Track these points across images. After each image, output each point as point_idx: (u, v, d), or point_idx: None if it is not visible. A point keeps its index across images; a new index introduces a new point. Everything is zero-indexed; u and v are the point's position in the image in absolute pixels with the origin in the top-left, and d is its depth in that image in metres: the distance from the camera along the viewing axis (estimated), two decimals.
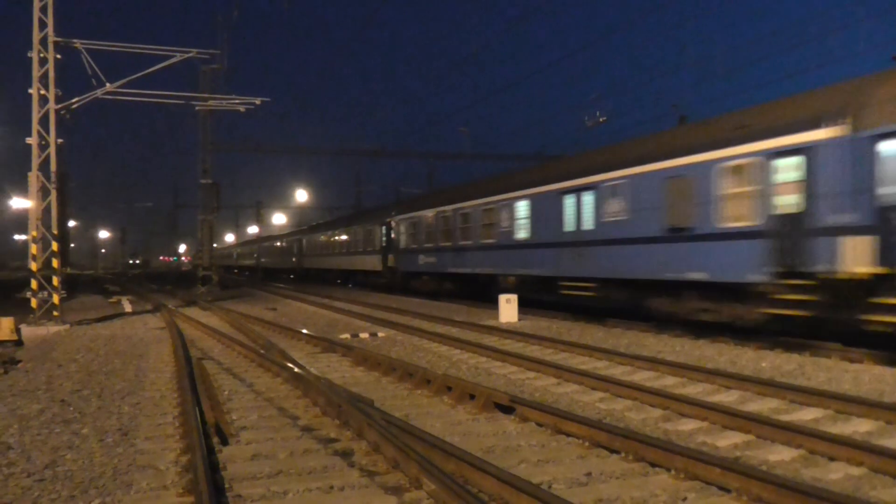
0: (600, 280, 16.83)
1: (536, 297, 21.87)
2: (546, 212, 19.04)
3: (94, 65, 20.14)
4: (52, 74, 19.29)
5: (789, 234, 11.78)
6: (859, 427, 7.28)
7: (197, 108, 26.72)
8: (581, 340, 14.17)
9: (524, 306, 20.67)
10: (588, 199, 17.11)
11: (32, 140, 19.11)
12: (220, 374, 11.03)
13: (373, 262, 35.11)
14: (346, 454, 6.46)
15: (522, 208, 20.35)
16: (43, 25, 19.19)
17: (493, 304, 20.04)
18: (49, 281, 19.09)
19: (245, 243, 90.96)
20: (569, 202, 17.87)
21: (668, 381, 9.96)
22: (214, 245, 41.61)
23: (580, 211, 17.43)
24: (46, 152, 19.22)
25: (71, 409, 8.80)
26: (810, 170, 11.45)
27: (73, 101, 20.05)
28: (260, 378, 10.68)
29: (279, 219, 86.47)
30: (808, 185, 11.47)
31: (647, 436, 6.54)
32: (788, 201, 11.91)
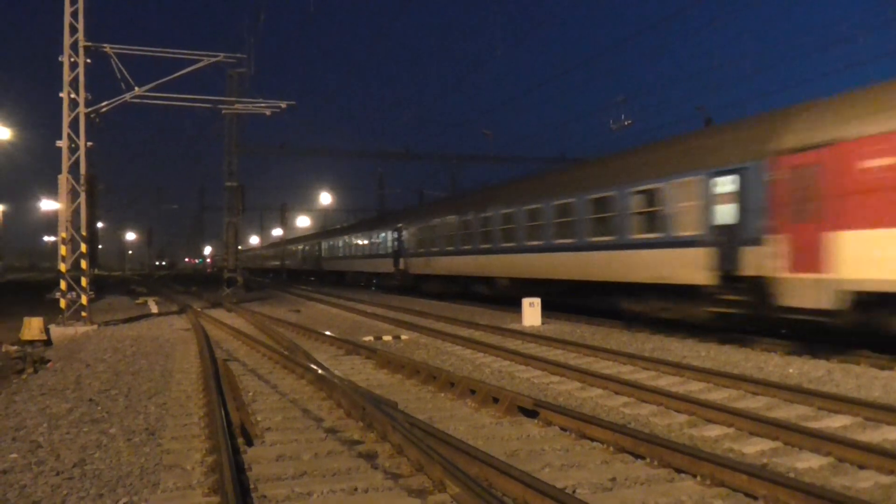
0: None
1: None
2: None
3: (123, 69, 20.41)
4: (82, 78, 19.57)
5: None
6: (889, 435, 7.16)
7: (223, 111, 26.99)
8: (605, 345, 14.09)
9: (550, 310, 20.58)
10: None
11: (63, 143, 19.39)
12: (245, 376, 11.11)
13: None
14: (370, 456, 6.48)
15: None
16: (73, 30, 19.48)
17: (517, 307, 19.97)
18: (78, 282, 19.35)
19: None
20: None
21: (694, 387, 9.87)
22: (240, 247, 41.87)
23: None
24: (76, 155, 19.50)
25: (99, 408, 8.91)
26: None
27: (103, 104, 20.32)
28: (284, 380, 10.74)
29: (303, 221, 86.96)
30: None
31: (672, 441, 6.49)
32: None
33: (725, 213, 13.90)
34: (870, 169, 10.89)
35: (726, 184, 13.87)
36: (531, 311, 18.94)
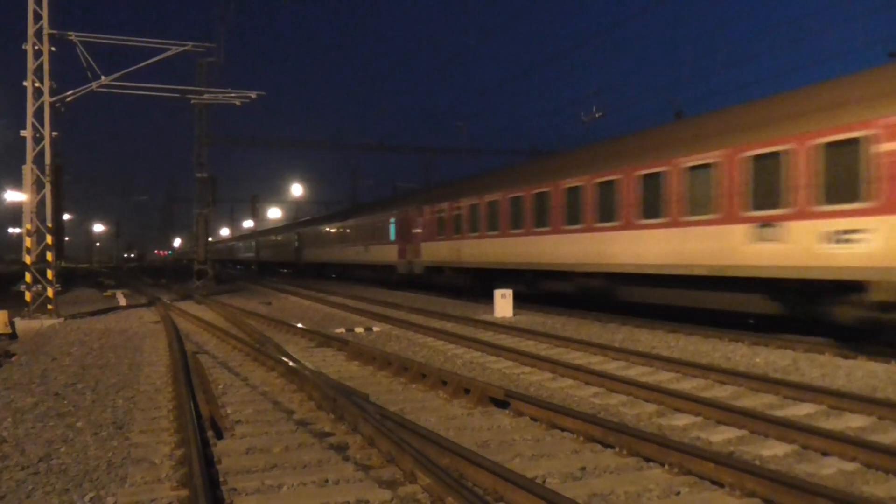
0: None
1: None
2: None
3: (89, 57, 20.08)
4: (46, 67, 19.21)
5: None
6: (852, 422, 7.31)
7: (192, 101, 26.66)
8: (576, 335, 14.18)
9: (521, 301, 20.65)
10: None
11: (27, 133, 19.04)
12: (215, 368, 11.01)
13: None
14: (340, 448, 6.46)
15: None
16: (38, 17, 19.10)
17: (489, 299, 20.03)
18: (43, 274, 19.04)
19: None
20: None
21: (663, 377, 9.98)
22: (208, 239, 41.42)
23: None
24: (41, 145, 19.15)
25: (65, 402, 8.78)
26: None
27: (68, 93, 19.99)
28: (255, 372, 10.67)
29: (274, 213, 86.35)
30: None
31: (641, 431, 6.56)
32: None
33: (394, 232, 31.43)
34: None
35: (394, 223, 31.52)
36: (503, 303, 19.00)
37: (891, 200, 10.14)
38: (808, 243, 11.36)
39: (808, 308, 12.06)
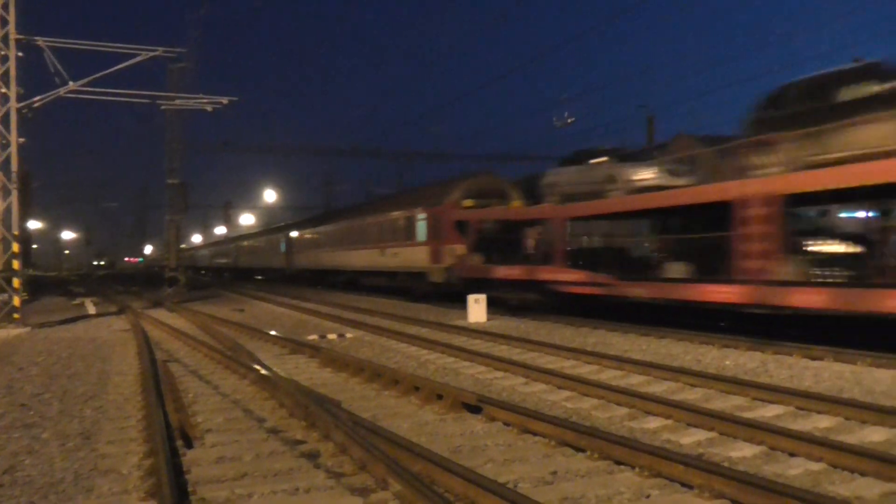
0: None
1: None
2: None
3: (56, 63, 19.81)
4: (13, 72, 18.93)
5: None
6: (819, 423, 7.42)
7: (162, 107, 26.40)
8: (549, 340, 14.25)
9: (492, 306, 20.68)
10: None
11: None
12: (186, 377, 10.90)
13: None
14: (312, 456, 6.43)
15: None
16: (4, 22, 18.83)
17: (463, 304, 20.04)
18: (10, 283, 18.72)
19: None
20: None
21: (634, 380, 10.06)
22: (180, 246, 40.97)
23: None
24: (7, 152, 18.86)
25: (31, 413, 8.63)
26: None
27: (36, 99, 19.70)
28: (226, 380, 10.58)
29: (247, 219, 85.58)
30: None
31: (612, 434, 6.62)
32: None
33: (284, 247, 48.07)
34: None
35: (283, 241, 48.81)
36: (476, 308, 19.03)
37: (408, 241, 26.73)
38: (390, 257, 28.51)
39: (394, 282, 29.19)
